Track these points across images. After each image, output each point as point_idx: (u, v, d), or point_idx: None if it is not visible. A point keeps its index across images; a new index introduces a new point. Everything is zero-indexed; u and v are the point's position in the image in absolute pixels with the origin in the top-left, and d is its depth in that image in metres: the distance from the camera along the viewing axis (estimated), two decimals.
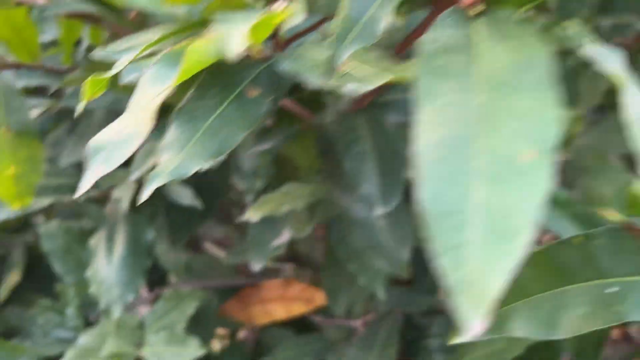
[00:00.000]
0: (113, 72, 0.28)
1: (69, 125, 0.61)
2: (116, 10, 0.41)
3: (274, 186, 0.47)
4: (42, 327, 0.60)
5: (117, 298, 0.51)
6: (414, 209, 0.17)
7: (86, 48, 0.49)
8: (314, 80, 0.27)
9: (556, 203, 0.37)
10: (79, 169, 0.58)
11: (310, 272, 0.66)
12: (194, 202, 0.52)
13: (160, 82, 0.26)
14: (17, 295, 0.65)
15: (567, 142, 0.46)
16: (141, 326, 0.60)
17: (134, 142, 0.25)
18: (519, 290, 0.27)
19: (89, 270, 0.53)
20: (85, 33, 0.48)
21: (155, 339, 0.55)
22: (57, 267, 0.61)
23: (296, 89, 0.40)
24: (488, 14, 0.24)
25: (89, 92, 0.28)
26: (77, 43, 0.49)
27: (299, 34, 0.31)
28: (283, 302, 0.68)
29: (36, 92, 0.57)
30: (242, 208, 0.50)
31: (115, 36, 0.42)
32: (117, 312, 0.51)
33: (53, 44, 0.50)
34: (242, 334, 0.68)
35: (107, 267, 0.52)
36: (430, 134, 0.18)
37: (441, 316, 0.56)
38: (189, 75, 0.26)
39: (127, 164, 0.60)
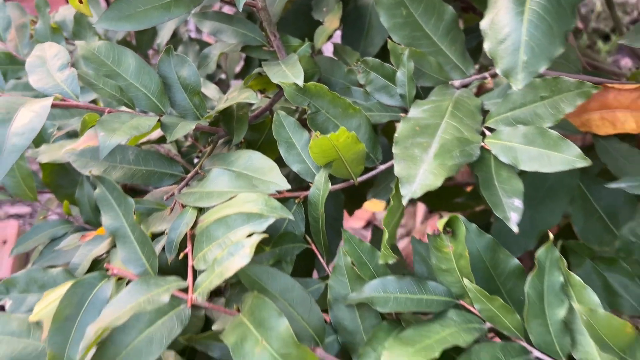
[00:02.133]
0: None
1: None
2: None
3: None
4: (362, 87, 0.49)
5: (523, 65, 0.38)
6: None
7: None
8: None
9: None
10: None
11: None
12: None
13: None
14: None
15: None
16: (481, 111, 0.48)
17: None
18: None
19: (483, 20, 0.39)
20: None
21: (509, 133, 0.43)
22: (384, 19, 0.49)
23: None
24: None
25: None
26: None
27: None
28: (636, 111, 0.53)
29: None
30: None
31: None
32: (519, 82, 0.38)
33: None
34: None
35: (513, 22, 0.38)
36: None
37: None
38: None
39: None
